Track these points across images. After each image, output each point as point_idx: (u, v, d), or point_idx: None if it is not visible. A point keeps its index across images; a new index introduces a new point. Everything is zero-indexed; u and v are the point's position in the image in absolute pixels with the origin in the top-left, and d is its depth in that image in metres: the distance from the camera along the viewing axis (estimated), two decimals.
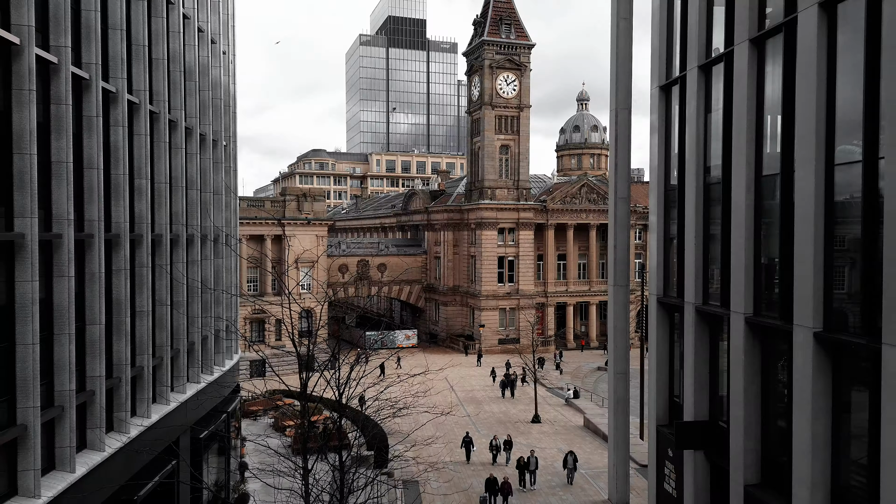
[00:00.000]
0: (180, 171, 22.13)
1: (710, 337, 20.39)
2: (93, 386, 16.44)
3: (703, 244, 20.66)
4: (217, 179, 26.72)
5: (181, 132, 22.18)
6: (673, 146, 23.22)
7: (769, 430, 17.23)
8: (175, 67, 21.95)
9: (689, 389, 20.77)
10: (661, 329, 23.73)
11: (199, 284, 23.97)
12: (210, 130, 25.37)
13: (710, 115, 20.46)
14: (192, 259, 23.52)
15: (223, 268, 27.09)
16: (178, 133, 22.11)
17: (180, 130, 22.15)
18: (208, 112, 25.18)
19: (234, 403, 29.59)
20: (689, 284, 20.81)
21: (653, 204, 24.16)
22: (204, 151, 25.02)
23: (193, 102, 23.56)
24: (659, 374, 23.61)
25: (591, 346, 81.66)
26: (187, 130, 23.36)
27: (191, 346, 23.40)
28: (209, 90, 25.23)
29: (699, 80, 20.92)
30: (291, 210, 68.84)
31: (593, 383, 62.99)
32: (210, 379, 24.82)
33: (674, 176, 23.11)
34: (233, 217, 29.23)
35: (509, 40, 78.10)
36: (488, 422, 43.42)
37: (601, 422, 41.21)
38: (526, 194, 78.51)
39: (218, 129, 26.77)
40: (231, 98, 29.29)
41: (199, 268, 23.83)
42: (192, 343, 23.64)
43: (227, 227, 28.22)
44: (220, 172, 26.83)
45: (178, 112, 22.05)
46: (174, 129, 22.05)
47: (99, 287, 16.43)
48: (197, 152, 23.71)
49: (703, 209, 20.83)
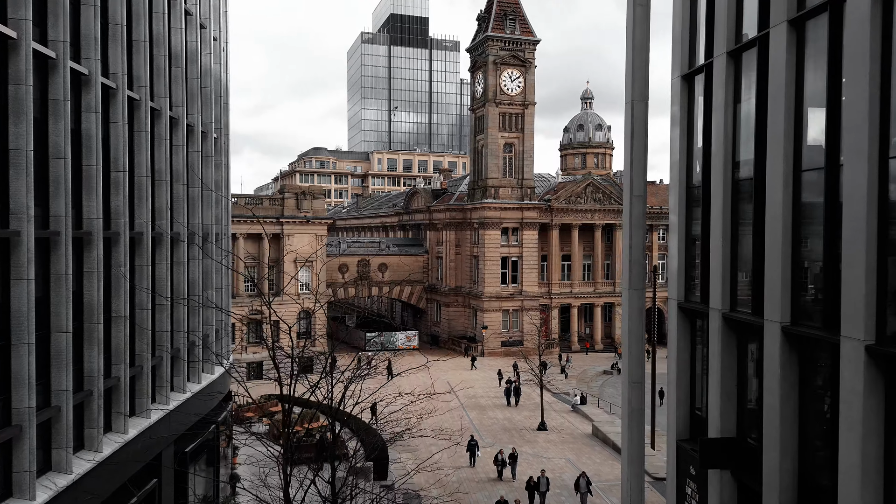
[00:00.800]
0: (164, 163, 20.46)
1: (739, 346, 18.74)
2: (58, 401, 14.78)
3: (731, 246, 19.01)
4: (207, 174, 25.06)
5: (165, 121, 20.51)
6: (696, 140, 21.57)
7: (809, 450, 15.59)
8: (158, 51, 20.27)
9: (715, 403, 19.12)
10: (682, 337, 22.08)
11: (186, 286, 22.31)
12: (198, 121, 23.68)
13: (739, 105, 18.79)
14: (178, 259, 21.85)
15: (213, 268, 25.41)
16: (161, 122, 20.43)
17: (164, 119, 20.49)
18: (196, 101, 23.48)
19: (225, 412, 27.95)
20: (716, 289, 19.14)
21: (673, 202, 22.51)
22: (191, 144, 23.36)
23: (179, 90, 21.89)
24: (679, 385, 21.97)
25: (596, 348, 79.97)
26: (172, 120, 21.70)
27: (175, 354, 21.73)
28: (198, 78, 23.52)
29: (728, 67, 19.18)
30: (290, 208, 67.17)
31: (599, 387, 61.29)
32: (197, 388, 23.16)
33: (697, 172, 21.50)
34: (224, 214, 27.54)
35: (514, 36, 76.42)
36: (493, 429, 41.72)
37: (610, 430, 39.54)
38: (530, 193, 76.83)
39: (208, 120, 25.09)
40: (223, 88, 27.63)
41: (186, 269, 22.15)
42: (178, 350, 21.97)
43: (218, 224, 26.55)
44: (210, 167, 25.16)
45: (162, 100, 20.39)
46: (157, 118, 20.38)
47: (66, 290, 14.77)
48: (183, 144, 22.03)
49: (731, 208, 19.14)
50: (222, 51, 27.32)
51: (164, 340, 20.51)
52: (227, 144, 28.44)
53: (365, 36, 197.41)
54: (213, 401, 25.12)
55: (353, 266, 78.13)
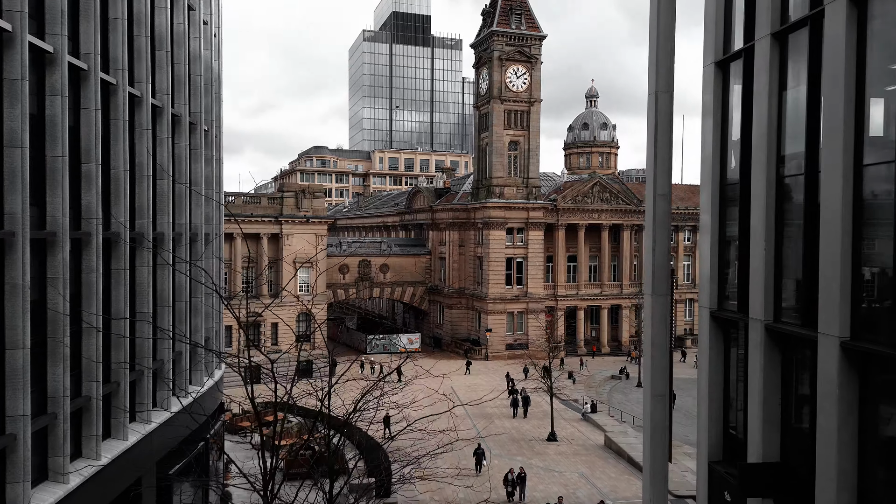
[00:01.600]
0: (145, 157, 18.50)
1: (784, 362, 16.74)
2: (14, 429, 12.82)
3: (775, 250, 17.00)
4: (196, 169, 23.09)
5: (146, 110, 18.53)
6: (731, 132, 19.57)
7: (870, 481, 13.65)
8: (139, 31, 18.31)
9: (756, 424, 17.12)
10: (715, 348, 20.09)
11: (171, 292, 20.35)
12: (186, 111, 21.70)
13: (785, 92, 16.80)
14: (162, 262, 19.90)
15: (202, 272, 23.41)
16: (142, 111, 18.46)
17: (145, 107, 18.51)
18: (183, 89, 21.51)
19: (216, 427, 26.00)
20: (757, 298, 17.13)
21: (705, 201, 20.51)
22: (178, 136, 21.39)
23: (164, 76, 19.92)
24: (711, 402, 19.98)
25: (603, 351, 77.98)
26: (155, 109, 19.73)
27: (159, 367, 19.78)
28: (185, 64, 21.52)
29: (772, 50, 17.12)
30: (289, 207, 65.19)
31: (608, 393, 59.35)
32: (184, 403, 21.19)
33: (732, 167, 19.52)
34: (216, 213, 25.56)
35: (520, 31, 74.46)
36: (500, 440, 39.67)
37: (624, 442, 37.56)
38: (536, 193, 74.85)
39: (197, 110, 23.12)
40: (215, 77, 25.65)
41: (170, 272, 20.17)
42: (161, 362, 20.02)
43: (209, 224, 24.58)
44: (199, 161, 23.18)
45: (143, 85, 18.41)
46: (137, 106, 18.41)
47: (22, 300, 12.81)
48: (168, 136, 20.04)
49: (775, 207, 17.11)
50: (214, 36, 25.33)
51: (145, 353, 18.55)
52: (219, 138, 26.47)
53: (366, 34, 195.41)
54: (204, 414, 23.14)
55: (354, 267, 76.22)
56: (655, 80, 27.02)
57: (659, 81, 26.60)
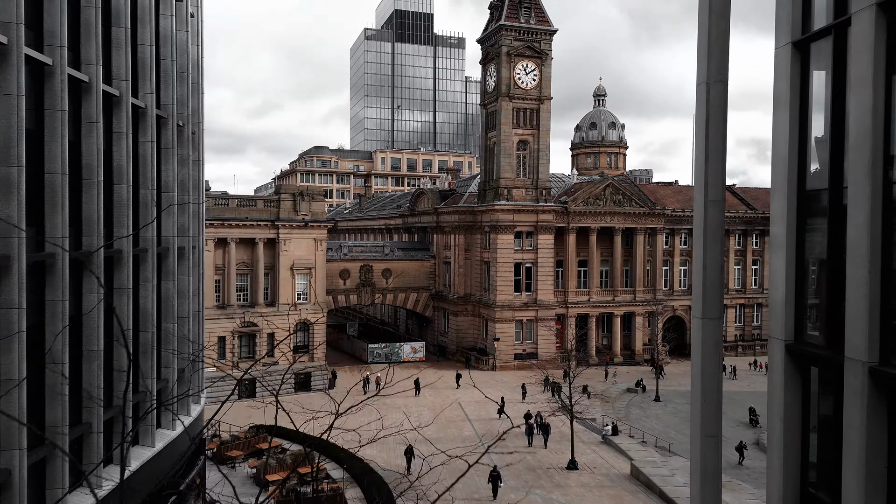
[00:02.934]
0: (95, 157, 14.92)
1: (893, 413, 13.16)
2: None
3: (881, 273, 13.38)
4: (167, 171, 19.51)
5: (96, 98, 14.95)
6: (812, 127, 15.89)
7: None
8: (87, 1, 14.77)
9: (855, 487, 13.39)
10: (791, 389, 16.38)
11: (131, 320, 16.75)
12: (151, 102, 18.10)
13: (895, 77, 13.23)
14: (120, 285, 16.33)
15: (174, 293, 19.83)
16: (91, 99, 14.89)
17: (95, 95, 14.94)
18: (148, 76, 17.92)
19: (197, 469, 22.47)
20: (857, 333, 13.44)
21: (779, 210, 16.83)
22: (142, 131, 17.83)
23: (122, 58, 16.35)
24: (787, 453, 16.26)
25: (615, 361, 74.30)
26: (110, 99, 16.16)
27: (114, 415, 16.19)
28: (151, 45, 17.96)
29: (877, 22, 13.40)
30: (287, 210, 61.59)
31: (625, 408, 55.78)
32: (152, 452, 17.64)
33: (814, 169, 15.87)
34: (193, 223, 21.95)
35: (529, 25, 70.86)
36: (515, 469, 36.00)
37: (654, 473, 33.92)
38: (545, 195, 71.27)
39: (168, 102, 19.53)
40: (192, 65, 22.08)
41: (129, 298, 16.59)
42: (117, 409, 16.43)
43: (183, 236, 20.97)
44: (170, 162, 19.59)
45: (92, 68, 14.84)
46: (85, 94, 14.83)
47: None
48: (126, 131, 16.47)
49: (882, 220, 13.42)
50: (191, 16, 21.75)
51: (92, 400, 14.97)
52: (200, 136, 22.88)
53: (368, 32, 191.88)
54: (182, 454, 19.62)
55: (356, 271, 72.69)
56: (707, 66, 23.02)
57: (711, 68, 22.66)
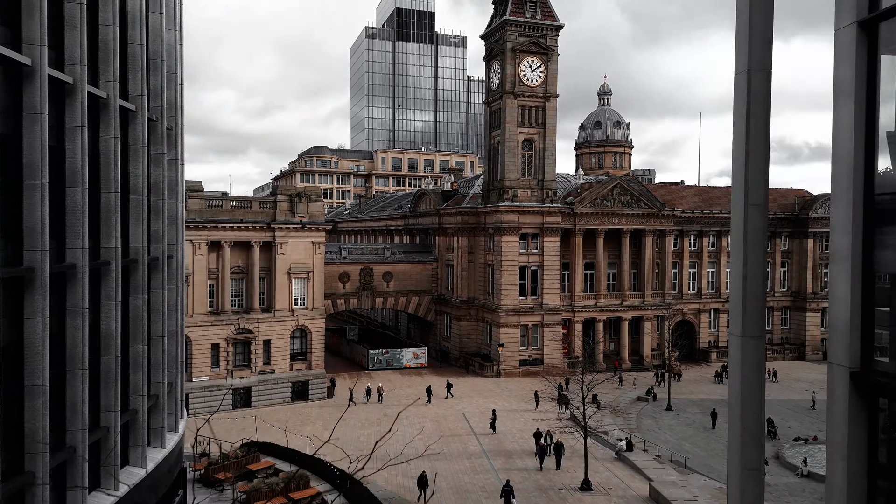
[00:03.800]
0: (38, 154, 12.62)
1: None
2: None
3: None
4: (135, 172, 17.22)
5: (40, 84, 12.65)
6: (885, 120, 13.51)
7: None
8: None
9: None
10: (857, 422, 13.97)
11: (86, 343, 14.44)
12: (114, 91, 15.80)
13: None
14: (73, 305, 14.04)
15: (144, 310, 17.51)
16: (34, 86, 12.59)
17: (39, 81, 12.64)
18: (111, 62, 15.64)
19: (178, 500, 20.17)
20: None
21: (842, 216, 14.50)
22: (104, 128, 15.55)
23: (76, 39, 14.06)
24: (851, 490, 14.00)
25: (624, 367, 71.84)
26: (60, 86, 13.87)
27: (65, 458, 13.87)
28: (114, 26, 15.67)
29: None
30: (283, 212, 59.28)
31: (636, 419, 53.42)
32: (113, 499, 15.34)
33: (884, 171, 13.51)
34: (169, 229, 19.63)
35: (535, 20, 68.53)
36: (524, 488, 33.70)
37: (675, 495, 31.59)
38: (551, 195, 68.92)
39: (136, 93, 17.25)
40: (170, 54, 19.79)
41: (84, 320, 14.28)
42: (73, 449, 14.10)
43: (157, 245, 18.67)
44: (139, 161, 17.30)
45: (36, 49, 12.55)
46: (28, 80, 12.55)
47: None
48: (82, 125, 14.18)
49: None
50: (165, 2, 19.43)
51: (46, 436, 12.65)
52: (177, 132, 20.58)
53: (369, 31, 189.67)
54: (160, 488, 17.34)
55: (355, 274, 70.43)
56: (748, 53, 20.40)
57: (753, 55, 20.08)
